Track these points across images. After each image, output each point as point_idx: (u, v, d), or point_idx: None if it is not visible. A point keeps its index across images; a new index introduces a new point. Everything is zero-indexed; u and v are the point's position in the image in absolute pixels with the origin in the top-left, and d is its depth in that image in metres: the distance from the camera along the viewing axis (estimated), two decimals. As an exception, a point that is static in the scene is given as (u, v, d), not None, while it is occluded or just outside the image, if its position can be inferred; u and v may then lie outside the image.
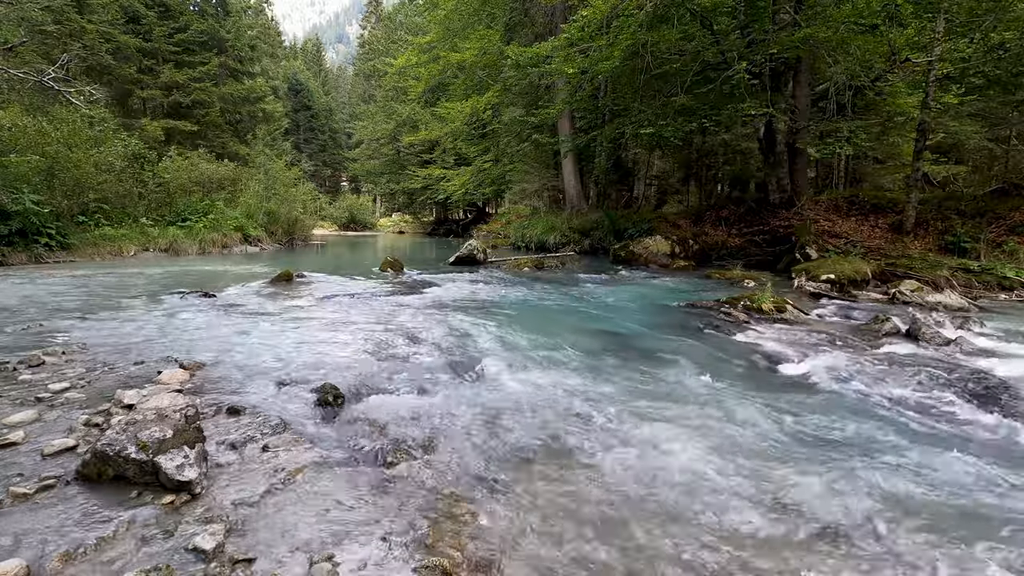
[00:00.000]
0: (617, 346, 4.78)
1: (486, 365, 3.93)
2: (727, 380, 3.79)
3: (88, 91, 12.03)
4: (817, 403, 3.42)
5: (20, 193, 10.33)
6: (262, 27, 43.89)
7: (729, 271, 10.09)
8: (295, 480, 2.23)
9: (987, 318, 6.09)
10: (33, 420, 2.62)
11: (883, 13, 9.09)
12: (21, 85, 14.45)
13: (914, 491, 2.34)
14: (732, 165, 17.35)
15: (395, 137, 36.65)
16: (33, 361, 3.53)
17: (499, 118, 21.54)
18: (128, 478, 2.08)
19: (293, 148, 45.52)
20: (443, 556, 1.79)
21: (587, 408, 3.17)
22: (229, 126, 26.48)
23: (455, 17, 18.77)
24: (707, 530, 2.03)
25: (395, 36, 44.14)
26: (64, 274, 8.69)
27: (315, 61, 68.56)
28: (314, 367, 3.71)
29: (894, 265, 8.83)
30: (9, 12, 14.89)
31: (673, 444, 2.71)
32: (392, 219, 49.06)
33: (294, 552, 1.77)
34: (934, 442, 2.86)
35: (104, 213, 13.25)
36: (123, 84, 22.21)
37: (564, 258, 13.29)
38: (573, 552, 1.89)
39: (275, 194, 20.54)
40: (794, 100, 11.49)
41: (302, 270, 8.99)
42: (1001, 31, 8.85)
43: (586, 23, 10.89)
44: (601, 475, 2.42)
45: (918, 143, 9.85)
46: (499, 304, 6.90)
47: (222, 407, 2.88)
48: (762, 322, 5.85)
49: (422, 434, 2.73)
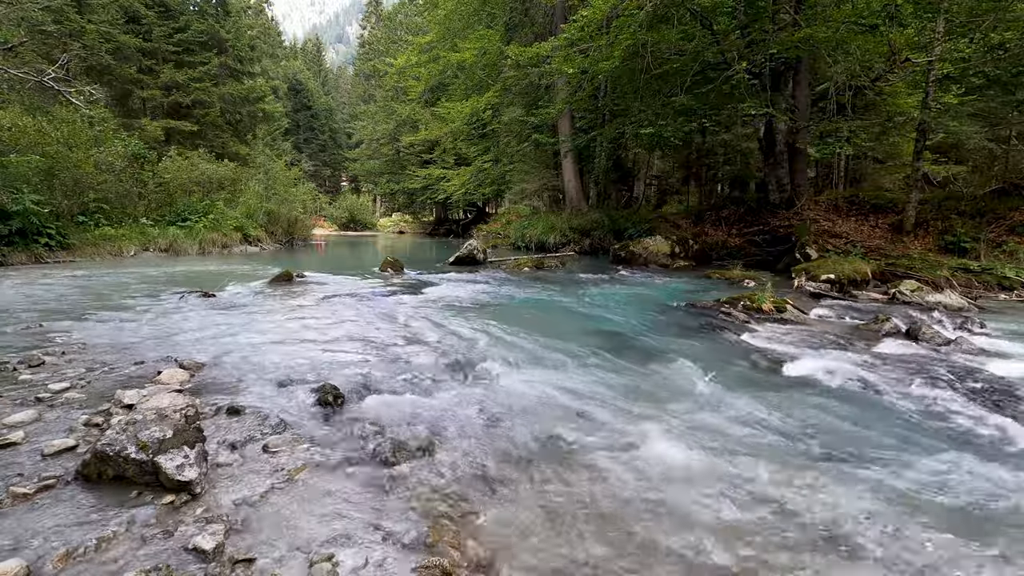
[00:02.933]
0: (617, 346, 4.78)
1: (486, 365, 3.93)
2: (727, 380, 3.79)
3: (88, 91, 12.04)
4: (817, 403, 3.42)
5: (20, 193, 10.33)
6: (262, 27, 43.92)
7: (729, 271, 10.09)
8: (295, 480, 2.23)
9: (987, 318, 6.09)
10: (33, 420, 2.62)
11: (883, 13, 9.09)
12: (21, 85, 14.45)
13: (914, 491, 2.34)
14: (732, 165, 17.36)
15: (395, 137, 36.68)
16: (33, 361, 3.53)
17: (499, 118, 21.54)
18: (128, 478, 2.08)
19: (293, 148, 45.59)
20: (443, 556, 1.79)
21: (587, 408, 3.17)
22: (229, 126, 26.45)
23: (455, 17, 18.79)
24: (707, 530, 2.03)
25: (395, 36, 44.18)
26: (64, 274, 8.69)
27: (315, 61, 68.60)
28: (314, 367, 3.71)
29: (894, 265, 8.83)
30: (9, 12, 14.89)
31: (673, 444, 2.71)
32: (392, 219, 49.07)
33: (294, 552, 1.77)
34: (934, 442, 2.86)
35: (104, 213, 13.25)
36: (123, 84, 22.19)
37: (564, 258, 13.30)
38: (573, 552, 1.89)
39: (275, 194, 20.55)
40: (794, 100, 11.49)
41: (302, 270, 8.99)
42: (1001, 31, 8.85)
43: (586, 23, 10.89)
44: (601, 475, 2.42)
45: (918, 143, 9.85)
46: (499, 304, 6.90)
47: (222, 407, 2.88)
48: (762, 322, 5.85)
49: (422, 434, 2.73)
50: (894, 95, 11.31)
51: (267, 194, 20.05)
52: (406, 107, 33.05)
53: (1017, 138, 12.19)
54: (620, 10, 10.50)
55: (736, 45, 10.64)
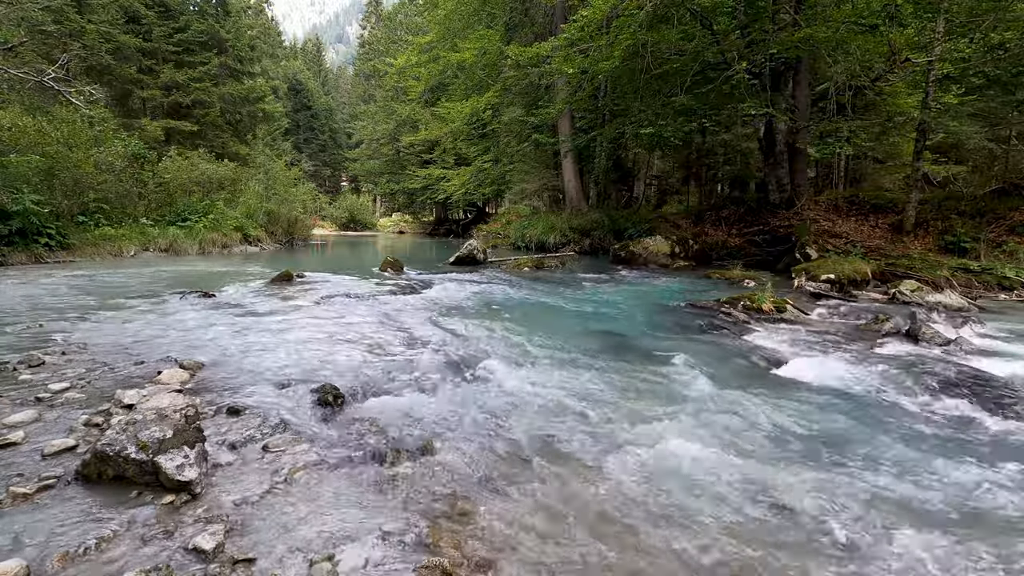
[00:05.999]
0: (617, 346, 4.78)
1: (486, 365, 3.93)
2: (727, 380, 3.79)
3: (88, 91, 12.04)
4: (817, 403, 3.42)
5: (20, 193, 10.32)
6: (262, 27, 43.89)
7: (729, 271, 10.09)
8: (295, 480, 2.23)
9: (987, 318, 6.09)
10: (33, 420, 2.62)
11: (883, 13, 9.09)
12: (21, 85, 14.44)
13: (914, 491, 2.34)
14: (732, 165, 17.35)
15: (395, 137, 36.67)
16: (33, 361, 3.53)
17: (499, 118, 21.54)
18: (128, 478, 2.08)
19: (293, 148, 45.57)
20: (443, 556, 1.79)
21: (587, 408, 3.17)
22: (229, 126, 26.43)
23: (455, 17, 18.79)
24: (706, 530, 2.03)
25: (395, 36, 44.17)
26: (64, 274, 8.69)
27: (315, 61, 68.58)
28: (314, 367, 3.71)
29: (894, 265, 8.83)
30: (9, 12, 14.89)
31: (673, 444, 2.71)
32: (392, 219, 49.07)
33: (294, 552, 1.77)
34: (934, 442, 2.86)
35: (104, 213, 13.24)
36: (123, 84, 22.18)
37: (564, 258, 13.29)
38: (573, 552, 1.89)
39: (275, 194, 20.54)
40: (794, 100, 11.49)
41: (302, 270, 8.99)
42: (1001, 31, 8.85)
43: (586, 23, 10.89)
44: (601, 475, 2.42)
45: (918, 143, 9.85)
46: (499, 304, 6.90)
47: (222, 407, 2.88)
48: (762, 322, 5.85)
49: (422, 434, 2.73)
50: (894, 95, 11.31)
51: (267, 194, 20.04)
52: (406, 107, 33.04)
53: (1017, 138, 12.19)
54: (620, 10, 10.50)
55: (736, 45, 10.64)
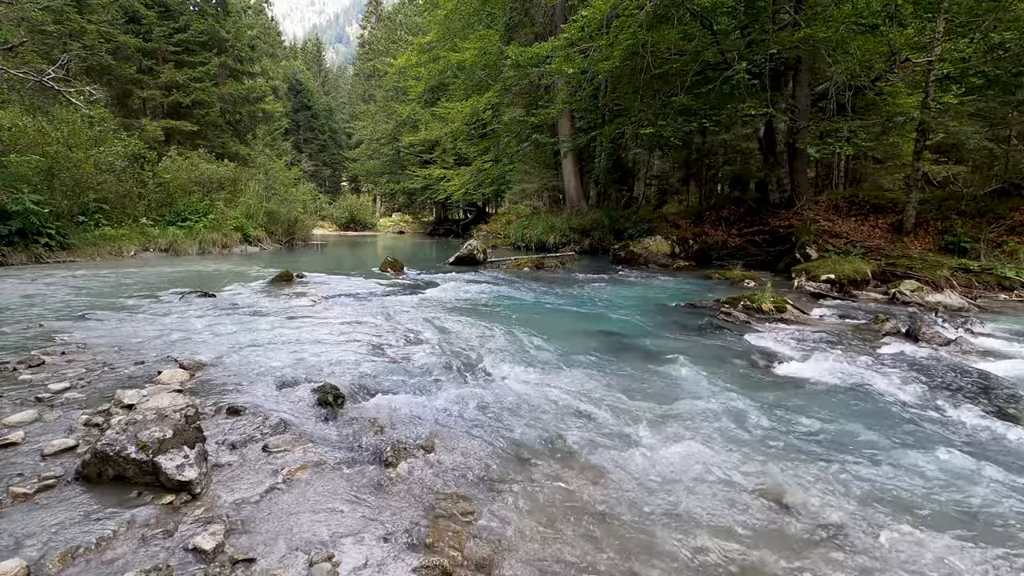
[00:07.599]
0: (617, 346, 4.78)
1: (486, 365, 3.93)
2: (727, 380, 3.79)
3: (88, 91, 12.02)
4: (817, 403, 3.42)
5: (20, 193, 10.33)
6: (262, 27, 43.86)
7: (729, 271, 10.09)
8: (295, 480, 2.23)
9: (987, 318, 6.09)
10: (33, 420, 2.62)
11: (883, 13, 9.09)
12: (21, 85, 14.42)
13: (913, 491, 2.34)
14: (732, 165, 17.36)
15: (395, 137, 36.66)
16: (33, 361, 3.53)
17: (499, 118, 21.53)
18: (128, 478, 2.08)
19: (293, 148, 45.52)
20: (443, 556, 1.79)
21: (587, 408, 3.17)
22: (229, 126, 26.42)
23: (455, 17, 18.79)
24: (706, 529, 2.03)
25: (395, 36, 44.20)
26: (64, 274, 8.69)
27: (315, 61, 68.54)
28: (314, 367, 3.71)
29: (894, 265, 8.83)
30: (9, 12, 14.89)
31: (672, 444, 2.71)
32: (392, 219, 49.04)
33: (294, 552, 1.77)
34: (934, 442, 2.86)
35: (104, 213, 13.25)
36: (123, 84, 22.16)
37: (564, 258, 13.30)
38: (573, 552, 1.89)
39: (275, 194, 20.54)
40: (794, 100, 11.49)
41: (302, 270, 8.99)
42: (1001, 31, 8.85)
43: (586, 23, 10.89)
44: (601, 474, 2.42)
45: (918, 143, 9.84)
46: (499, 304, 6.90)
47: (222, 407, 2.88)
48: (762, 322, 5.85)
49: (422, 434, 2.73)
50: (894, 95, 11.29)
51: (267, 194, 20.04)
52: (406, 107, 33.03)
53: (1017, 138, 12.19)
54: (620, 10, 10.49)
55: (736, 45, 10.64)
